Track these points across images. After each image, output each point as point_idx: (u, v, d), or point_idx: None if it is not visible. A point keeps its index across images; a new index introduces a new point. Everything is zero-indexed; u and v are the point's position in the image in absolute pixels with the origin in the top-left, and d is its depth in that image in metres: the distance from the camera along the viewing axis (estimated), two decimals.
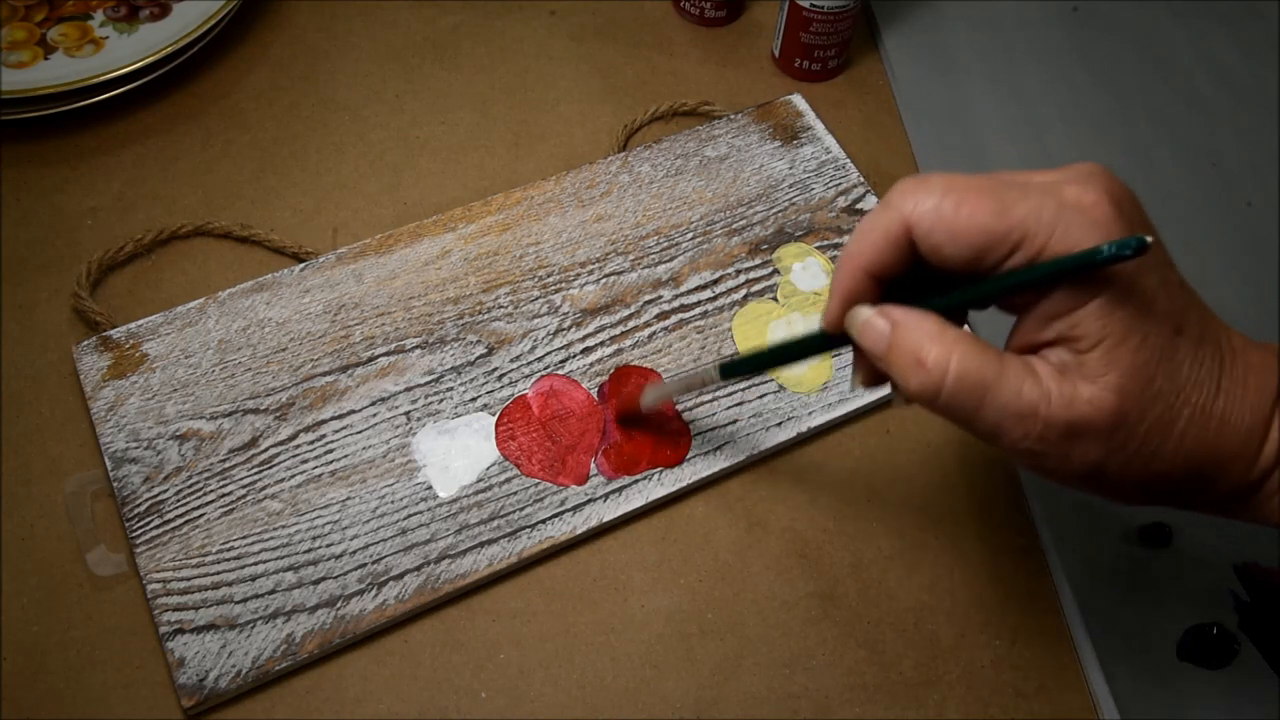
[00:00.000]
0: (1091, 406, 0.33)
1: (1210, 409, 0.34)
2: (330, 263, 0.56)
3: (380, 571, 0.47)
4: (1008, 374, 0.34)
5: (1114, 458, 0.34)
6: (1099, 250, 0.32)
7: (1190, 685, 0.46)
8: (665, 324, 0.55)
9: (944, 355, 0.34)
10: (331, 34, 0.67)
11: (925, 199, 0.35)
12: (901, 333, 0.35)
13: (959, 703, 0.46)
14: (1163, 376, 0.33)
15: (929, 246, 0.35)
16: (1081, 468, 0.34)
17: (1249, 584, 0.49)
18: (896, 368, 0.35)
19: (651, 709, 0.45)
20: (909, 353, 0.35)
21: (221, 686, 0.44)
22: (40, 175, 0.60)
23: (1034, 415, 0.33)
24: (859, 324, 0.36)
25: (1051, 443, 0.34)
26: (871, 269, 0.36)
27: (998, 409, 0.34)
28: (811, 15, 0.63)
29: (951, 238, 0.34)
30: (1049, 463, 0.34)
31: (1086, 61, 0.68)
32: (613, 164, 0.60)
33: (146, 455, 0.49)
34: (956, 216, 0.34)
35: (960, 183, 0.34)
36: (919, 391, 0.35)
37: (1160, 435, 0.34)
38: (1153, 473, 0.34)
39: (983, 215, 0.34)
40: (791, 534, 0.50)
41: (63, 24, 0.64)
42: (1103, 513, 0.50)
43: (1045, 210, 0.33)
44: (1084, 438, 0.33)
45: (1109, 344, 0.33)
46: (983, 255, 0.34)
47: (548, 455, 0.50)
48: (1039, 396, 0.33)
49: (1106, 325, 0.33)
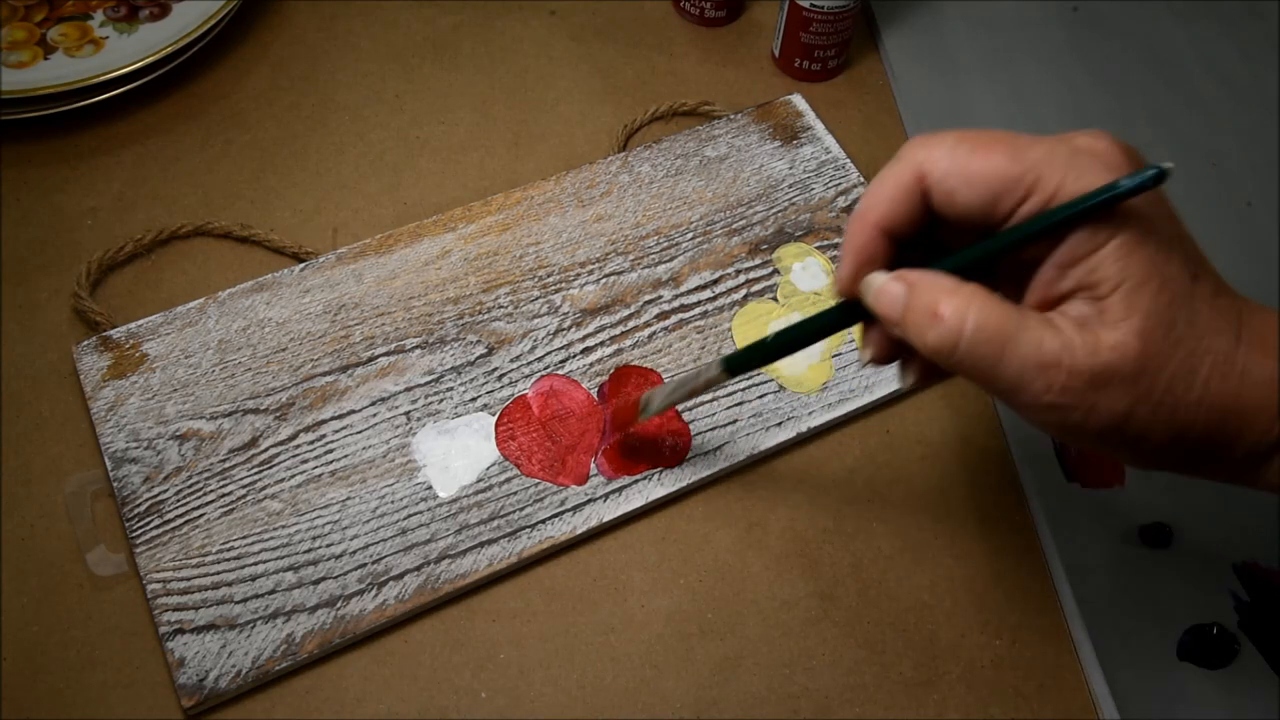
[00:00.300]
0: (1115, 353, 0.32)
1: (1232, 357, 0.34)
2: (330, 263, 0.56)
3: (380, 571, 0.47)
4: (1028, 325, 0.33)
5: (1140, 406, 0.33)
6: (1118, 183, 0.32)
7: (1190, 685, 0.46)
8: (665, 324, 0.55)
9: (961, 306, 0.33)
10: (331, 34, 0.67)
11: (938, 148, 0.34)
12: (917, 291, 0.34)
13: (959, 703, 0.46)
14: (1184, 320, 0.33)
15: (943, 193, 0.34)
16: (1108, 419, 0.33)
17: (1249, 584, 0.49)
18: (913, 327, 0.34)
19: (651, 709, 0.45)
20: (926, 308, 0.34)
21: (221, 686, 0.44)
22: (40, 175, 0.60)
23: (1057, 365, 0.33)
24: (874, 289, 0.35)
25: (1076, 393, 0.33)
26: (884, 223, 0.36)
27: (1019, 360, 0.33)
28: (811, 15, 0.63)
29: (966, 183, 0.34)
30: (1074, 416, 0.33)
31: (1086, 61, 0.68)
32: (613, 164, 0.60)
33: (146, 455, 0.49)
34: (970, 161, 0.34)
35: (972, 134, 0.34)
36: (937, 344, 0.34)
37: (1185, 382, 0.33)
38: (1178, 424, 0.34)
39: (996, 159, 0.33)
40: (791, 534, 0.50)
41: (63, 24, 0.64)
42: (1103, 513, 0.50)
43: (1058, 154, 0.33)
44: (1110, 386, 0.33)
45: (1129, 286, 0.32)
46: (996, 201, 0.34)
47: (548, 455, 0.50)
48: (1061, 346, 0.33)
49: (1126, 267, 0.32)
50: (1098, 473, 0.51)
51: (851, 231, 0.36)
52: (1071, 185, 0.33)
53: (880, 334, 0.38)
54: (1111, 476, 0.51)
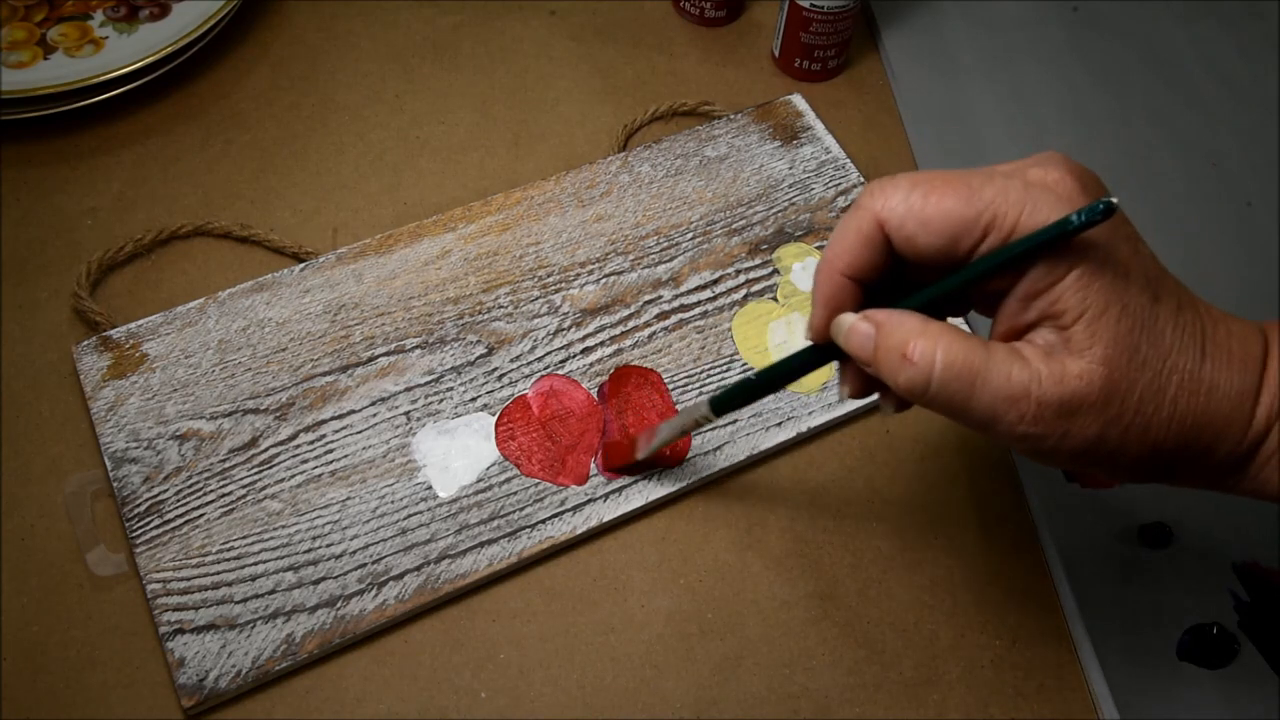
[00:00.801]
0: (1082, 381, 0.33)
1: (1198, 374, 0.34)
2: (330, 263, 0.56)
3: (380, 571, 0.47)
4: (995, 359, 0.34)
5: (1111, 430, 0.34)
6: (1068, 219, 0.32)
7: (1190, 685, 0.46)
8: (665, 324, 0.55)
9: (930, 347, 0.34)
10: (331, 34, 0.67)
11: (893, 194, 0.35)
12: (886, 332, 0.35)
13: (959, 703, 0.46)
14: (1147, 344, 0.34)
15: (902, 239, 0.35)
16: (1081, 444, 0.34)
17: (1249, 584, 0.49)
18: (885, 367, 0.35)
19: (651, 709, 0.45)
20: (895, 349, 0.35)
21: (221, 686, 0.44)
22: (40, 175, 0.60)
23: (1026, 396, 0.33)
24: (844, 331, 0.37)
25: (1048, 422, 0.34)
26: (849, 271, 0.37)
27: (989, 394, 0.34)
28: (811, 15, 0.63)
29: (923, 227, 0.35)
30: (1048, 443, 0.34)
31: (1086, 61, 0.68)
32: (613, 164, 0.60)
33: (146, 455, 0.49)
34: (925, 206, 0.34)
35: (926, 176, 0.35)
36: (908, 386, 0.35)
37: (1153, 403, 0.34)
38: (1150, 443, 0.34)
39: (951, 202, 0.34)
40: (791, 534, 0.50)
41: (63, 24, 0.64)
42: (1103, 513, 0.50)
43: (1012, 191, 0.34)
44: (1079, 413, 0.34)
45: (1090, 315, 0.33)
46: (956, 242, 0.34)
47: (548, 455, 0.50)
48: (1029, 377, 0.33)
49: (1086, 297, 0.33)
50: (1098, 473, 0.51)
51: (819, 280, 0.37)
52: (1026, 221, 0.33)
53: (854, 371, 0.39)
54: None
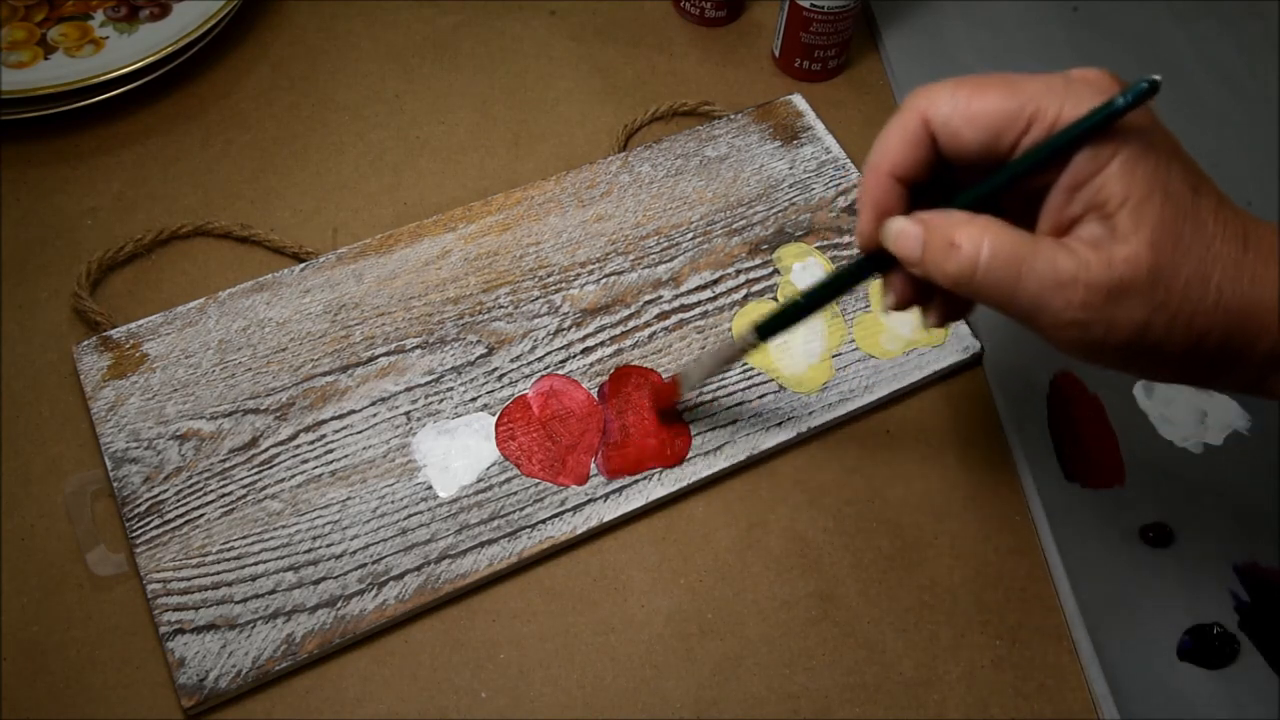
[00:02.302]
0: (1129, 265, 0.34)
1: (1241, 262, 0.35)
2: (330, 263, 0.56)
3: (380, 571, 0.47)
4: (1042, 248, 0.35)
5: (1158, 315, 0.34)
6: (1113, 101, 0.33)
7: (1190, 685, 0.46)
8: (665, 324, 0.55)
9: (977, 234, 0.35)
10: (331, 34, 0.67)
11: (939, 94, 0.36)
12: (933, 228, 0.36)
13: (959, 703, 0.46)
14: (1191, 229, 0.34)
15: (948, 135, 0.36)
16: (1128, 332, 0.35)
17: (1249, 584, 0.49)
18: (932, 261, 0.36)
19: (651, 709, 0.45)
20: (942, 241, 0.35)
21: (221, 686, 0.44)
22: (40, 175, 0.60)
23: (1074, 282, 0.34)
24: (893, 233, 0.37)
25: (1096, 308, 0.34)
26: (896, 170, 0.37)
27: (1036, 281, 0.34)
28: (811, 15, 0.63)
29: (969, 122, 0.35)
30: (1095, 331, 0.35)
31: (1086, 61, 0.67)
32: (613, 164, 0.60)
33: (146, 455, 0.49)
34: (970, 102, 0.36)
35: (969, 78, 0.36)
36: (956, 272, 0.35)
37: (1199, 288, 0.34)
38: (1196, 330, 0.35)
39: (995, 96, 0.35)
40: (791, 534, 0.50)
41: (63, 24, 0.64)
42: (1103, 513, 0.50)
43: (1054, 85, 0.35)
44: (1127, 297, 0.34)
45: (1135, 200, 0.34)
46: (999, 136, 0.35)
47: (548, 455, 0.50)
48: (1076, 265, 0.34)
49: (1130, 183, 0.34)
50: (1098, 473, 0.51)
51: (866, 183, 0.38)
52: (1069, 111, 0.34)
53: (901, 279, 0.39)
54: (1111, 476, 0.51)
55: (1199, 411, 0.53)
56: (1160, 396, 0.54)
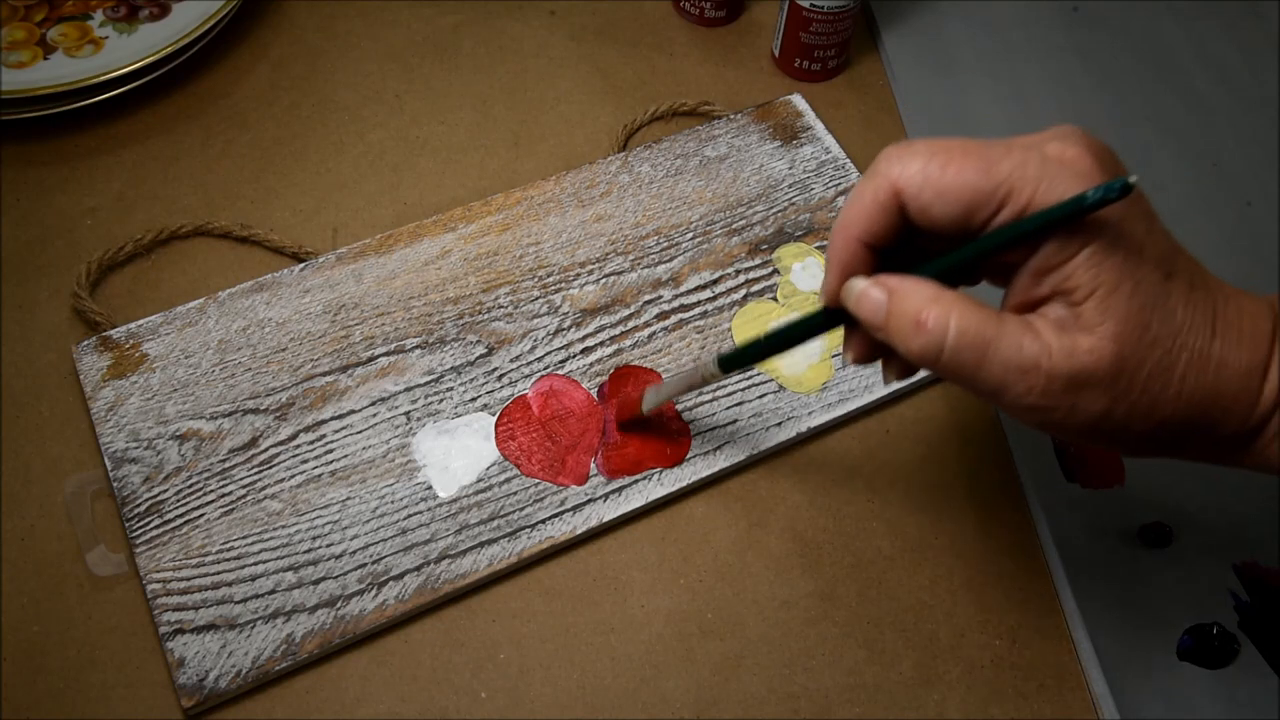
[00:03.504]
0: (1092, 356, 0.33)
1: (1208, 351, 0.35)
2: (330, 263, 0.56)
3: (380, 571, 0.47)
4: (1007, 330, 0.34)
5: (1119, 405, 0.34)
6: (1084, 196, 0.32)
7: (1190, 685, 0.46)
8: (665, 324, 0.55)
9: (944, 315, 0.34)
10: (331, 34, 0.67)
11: (911, 162, 0.35)
12: (899, 298, 0.35)
13: (959, 703, 0.46)
14: (1158, 322, 0.34)
15: (918, 208, 0.35)
16: (1088, 419, 0.34)
17: (1249, 584, 0.49)
18: (897, 334, 0.35)
19: (651, 709, 0.45)
20: (909, 316, 0.35)
21: (221, 686, 0.44)
22: (40, 175, 0.60)
23: (1036, 369, 0.34)
24: (855, 294, 0.36)
25: (1056, 395, 0.34)
26: (864, 237, 0.37)
27: (1000, 364, 0.34)
28: (811, 15, 0.63)
29: (939, 197, 0.35)
30: (1056, 416, 0.34)
31: (1086, 61, 0.68)
32: (613, 164, 0.60)
33: (146, 455, 0.49)
34: (943, 176, 0.34)
35: (944, 145, 0.35)
36: (921, 352, 0.35)
37: (1161, 380, 0.34)
38: (1157, 419, 0.35)
39: (969, 173, 0.34)
40: (791, 534, 0.50)
41: (63, 24, 0.64)
42: (1103, 513, 0.50)
43: (1029, 165, 0.34)
44: (1088, 388, 0.34)
45: (1103, 292, 0.33)
46: (971, 214, 0.34)
47: (548, 455, 0.50)
48: (1040, 350, 0.34)
49: (1099, 274, 0.33)
50: (1098, 473, 0.51)
51: (834, 244, 0.37)
52: (1042, 196, 0.33)
53: (861, 336, 0.39)
54: (1111, 476, 0.51)
55: None
56: None
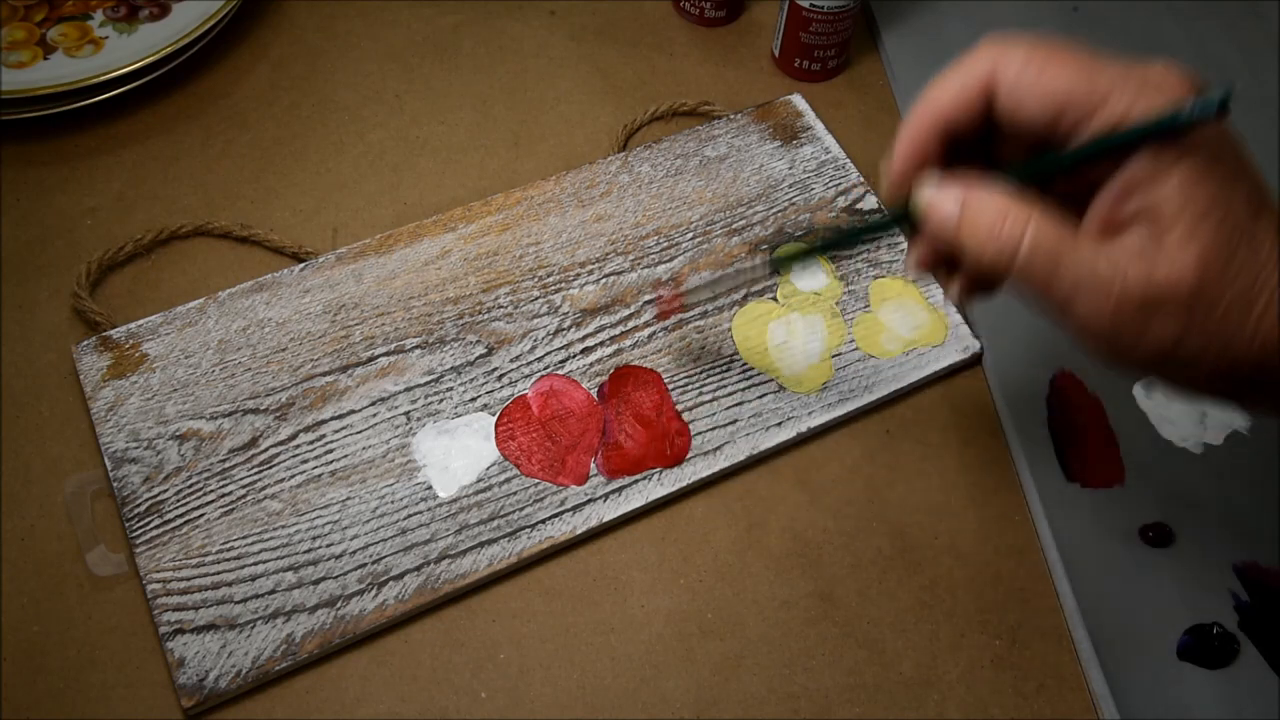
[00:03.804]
0: (1171, 278, 0.32)
1: None
2: (330, 263, 0.56)
3: (380, 571, 0.47)
4: (1083, 245, 0.33)
5: (1192, 335, 0.33)
6: (1182, 110, 0.31)
7: (1190, 685, 0.46)
8: (665, 324, 0.55)
9: (1021, 222, 0.33)
10: (331, 34, 0.67)
11: (1013, 53, 0.34)
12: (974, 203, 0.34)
13: (959, 703, 0.46)
14: (1244, 254, 0.33)
15: (1009, 104, 0.34)
16: (1158, 345, 0.33)
17: (1249, 584, 0.49)
18: (969, 240, 0.34)
19: (651, 709, 0.45)
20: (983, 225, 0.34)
21: (221, 686, 0.44)
22: (40, 175, 0.60)
23: (1109, 286, 0.32)
24: (927, 198, 0.35)
25: (1127, 316, 0.33)
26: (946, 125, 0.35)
27: (1072, 280, 0.33)
28: (811, 15, 0.63)
29: (1034, 94, 0.34)
30: (1124, 340, 0.33)
31: None
32: (613, 164, 0.60)
33: (146, 455, 0.49)
34: (1043, 73, 0.34)
35: (1047, 42, 0.34)
36: (994, 261, 0.34)
37: (1239, 316, 0.33)
38: (1230, 359, 0.33)
39: (1069, 75, 0.33)
40: (791, 534, 0.50)
41: (62, 24, 0.64)
42: (1103, 513, 0.50)
43: (1130, 79, 0.33)
44: (1162, 311, 0.32)
45: (1191, 215, 0.32)
46: (1060, 116, 0.33)
47: (547, 455, 0.50)
48: (1115, 267, 0.33)
49: (1190, 197, 0.32)
50: (1098, 473, 0.51)
51: (909, 125, 0.36)
52: (1139, 110, 0.33)
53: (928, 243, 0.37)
54: (1111, 476, 0.51)
55: (1199, 411, 0.53)
56: (1160, 396, 0.54)
